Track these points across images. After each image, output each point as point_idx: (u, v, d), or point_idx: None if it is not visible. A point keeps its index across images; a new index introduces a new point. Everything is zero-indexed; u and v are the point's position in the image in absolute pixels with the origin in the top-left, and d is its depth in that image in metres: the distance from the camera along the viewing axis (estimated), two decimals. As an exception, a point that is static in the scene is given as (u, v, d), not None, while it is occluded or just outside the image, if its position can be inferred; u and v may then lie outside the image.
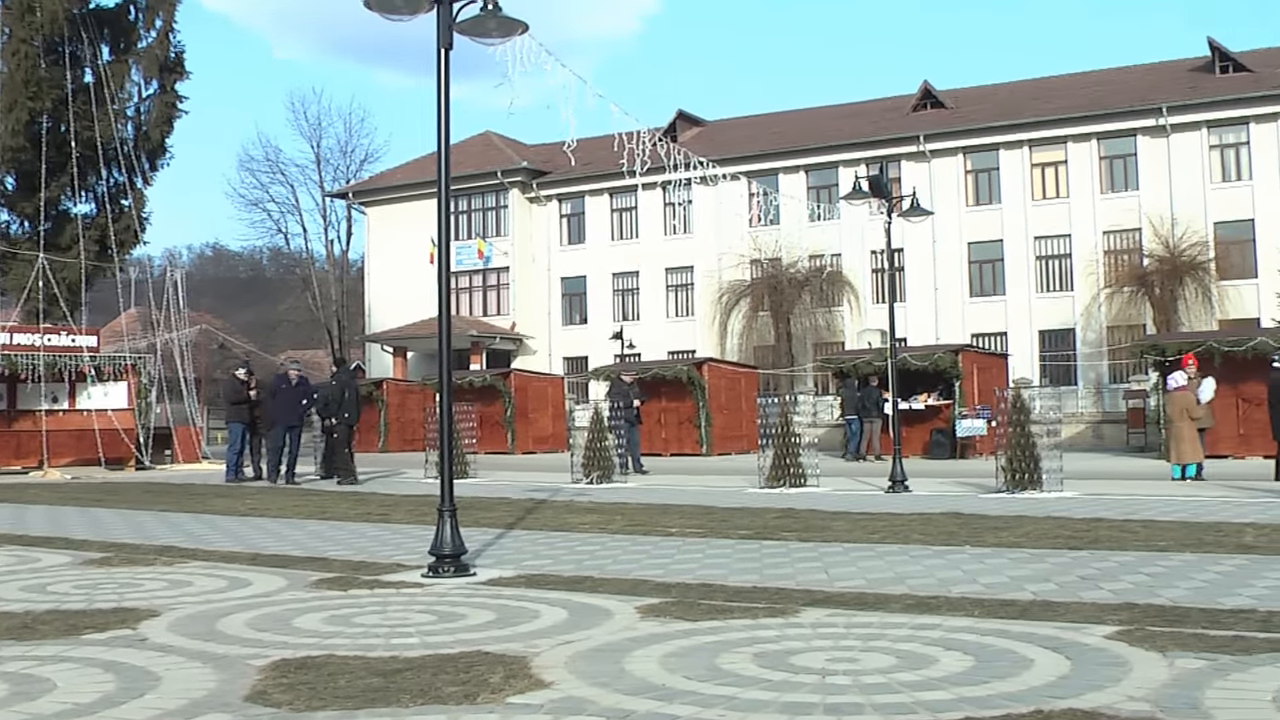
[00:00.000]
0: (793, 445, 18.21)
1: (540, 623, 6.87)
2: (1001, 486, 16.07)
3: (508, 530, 12.36)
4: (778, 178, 50.77)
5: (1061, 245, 48.36)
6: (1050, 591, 7.61)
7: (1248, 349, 26.12)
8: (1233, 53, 48.80)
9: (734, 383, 36.96)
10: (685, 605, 7.30)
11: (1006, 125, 48.94)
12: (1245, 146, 45.92)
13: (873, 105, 56.07)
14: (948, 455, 29.50)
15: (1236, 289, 44.35)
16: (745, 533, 11.66)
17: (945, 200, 47.93)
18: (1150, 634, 6.04)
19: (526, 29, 9.82)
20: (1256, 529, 10.91)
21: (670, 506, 15.05)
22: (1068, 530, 11.14)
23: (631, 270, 55.64)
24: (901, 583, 8.13)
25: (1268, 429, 19.55)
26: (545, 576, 8.80)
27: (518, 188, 56.83)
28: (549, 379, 43.81)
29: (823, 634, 6.32)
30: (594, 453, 20.23)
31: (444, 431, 9.43)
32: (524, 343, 56.38)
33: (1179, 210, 45.04)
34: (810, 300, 49.88)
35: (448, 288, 9.52)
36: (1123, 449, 31.99)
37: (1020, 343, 47.30)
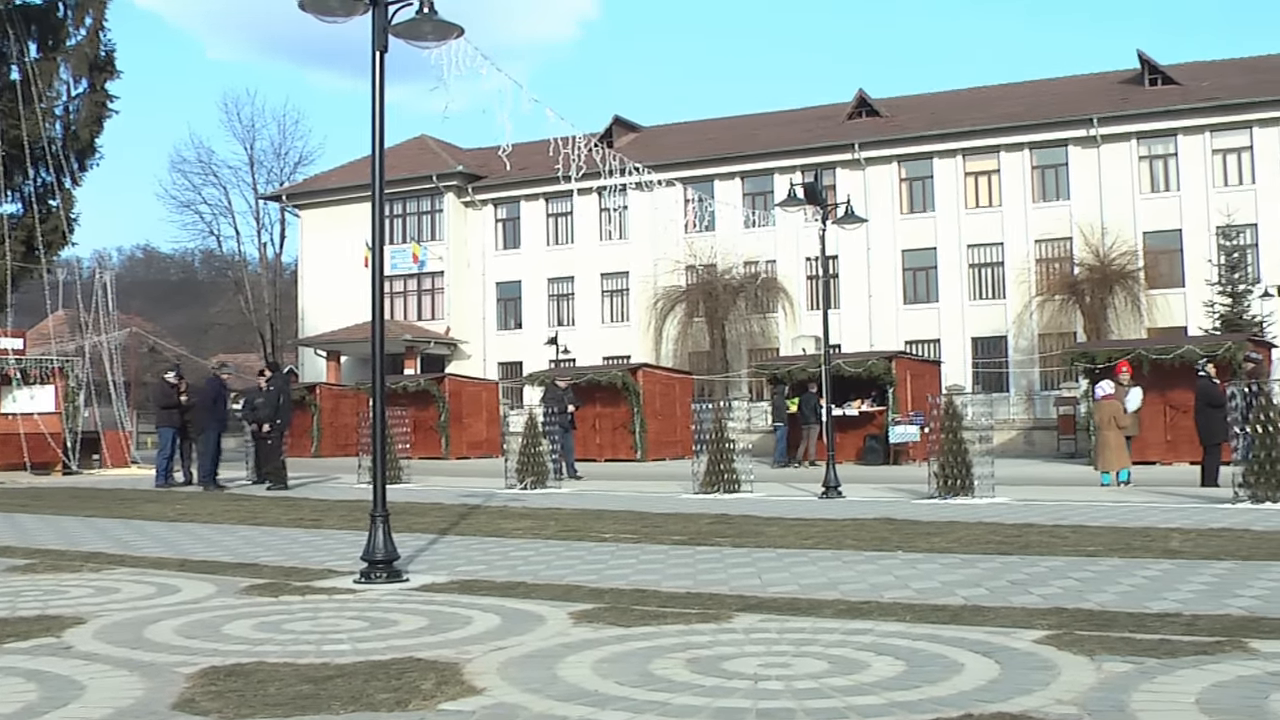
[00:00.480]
0: (727, 451, 18.25)
1: (473, 629, 6.83)
2: (934, 492, 16.17)
3: (441, 536, 12.29)
4: (713, 184, 50.86)
5: (994, 253, 48.84)
6: (981, 596, 7.67)
7: (1175, 357, 26.52)
8: (1162, 66, 49.56)
9: (668, 388, 37.02)
10: (619, 611, 7.29)
11: (940, 134, 49.37)
12: (1173, 158, 46.61)
13: (808, 113, 56.38)
14: (881, 461, 29.71)
15: (1165, 298, 44.98)
16: (679, 538, 11.66)
17: (880, 208, 48.28)
18: (1078, 638, 6.10)
19: (462, 33, 9.79)
20: (1183, 534, 11.04)
21: (604, 512, 15.03)
22: (999, 536, 11.23)
23: (567, 275, 55.60)
24: (834, 588, 8.16)
25: (1194, 435, 19.83)
26: (478, 582, 8.76)
27: (453, 192, 56.64)
28: (483, 384, 43.69)
29: (756, 639, 6.33)
30: (528, 458, 20.16)
31: (377, 436, 9.38)
32: (459, 347, 56.19)
33: (1109, 220, 45.63)
34: (745, 306, 50.06)
35: (381, 292, 9.47)
36: (1053, 455, 32.35)
37: (953, 350, 47.70)
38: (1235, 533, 11.08)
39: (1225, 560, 9.19)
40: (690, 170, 48.86)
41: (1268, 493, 13.95)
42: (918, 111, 52.86)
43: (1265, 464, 14.03)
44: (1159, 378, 25.83)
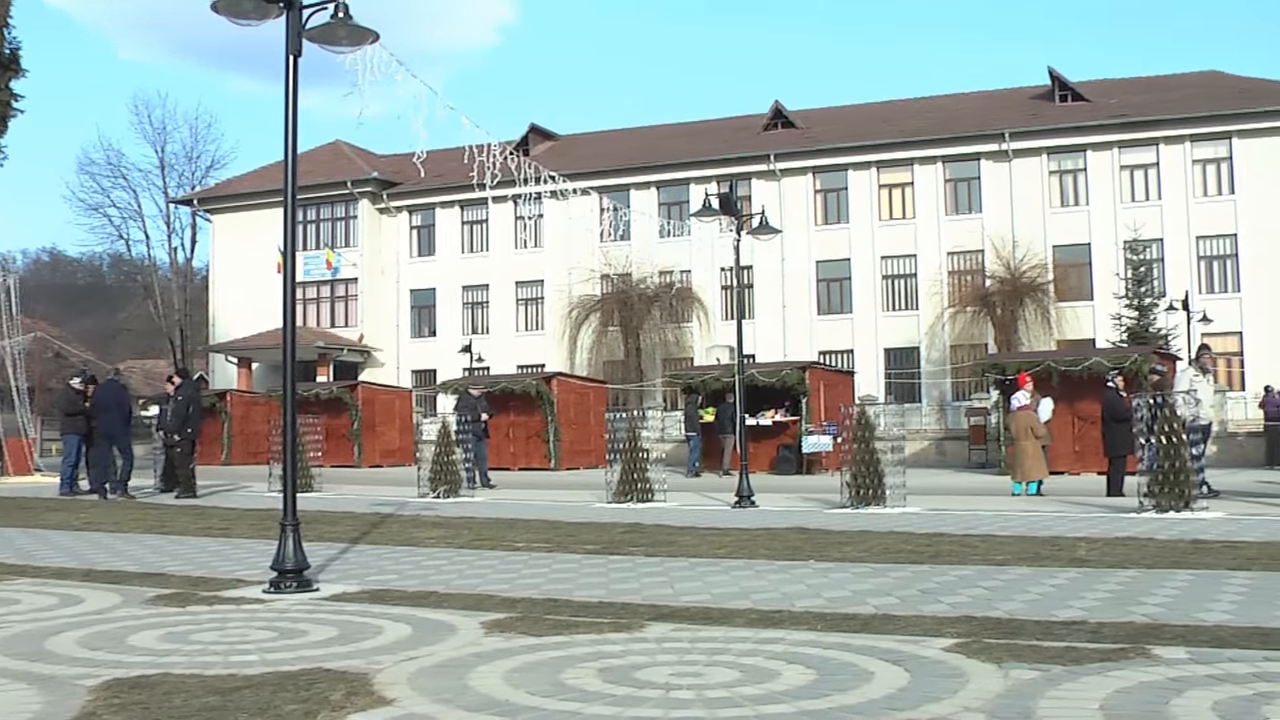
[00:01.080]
0: (640, 460, 18.25)
1: (383, 639, 6.77)
2: (846, 502, 16.27)
3: (352, 545, 12.19)
4: (629, 193, 51.03)
5: (907, 265, 49.39)
6: (892, 605, 7.72)
7: (1083, 369, 26.92)
8: (1072, 82, 50.46)
9: (583, 397, 36.98)
10: (530, 620, 7.26)
11: (855, 146, 49.89)
12: (1082, 173, 47.48)
13: (725, 124, 56.68)
14: (794, 471, 29.83)
15: (1074, 310, 45.74)
16: (592, 547, 11.64)
17: (794, 219, 48.67)
18: (987, 646, 6.16)
19: (377, 38, 9.72)
20: (1089, 543, 11.19)
21: (517, 521, 14.98)
22: (910, 545, 11.31)
23: (481, 283, 55.47)
24: (746, 597, 8.18)
25: (1101, 446, 20.12)
26: (390, 592, 8.69)
27: (367, 198, 56.30)
28: (396, 392, 43.38)
29: (668, 648, 6.32)
30: (441, 467, 20.03)
31: (287, 444, 9.28)
32: (372, 355, 55.83)
33: (1020, 233, 46.33)
34: (660, 316, 50.19)
35: (293, 298, 9.37)
36: (964, 465, 32.65)
37: (866, 360, 48.13)
38: (1140, 541, 11.25)
39: (1130, 568, 9.33)
40: (606, 179, 48.93)
41: (1171, 502, 14.18)
42: (833, 124, 53.34)
43: (1169, 474, 14.27)
44: (1068, 389, 26.19)
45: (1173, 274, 45.30)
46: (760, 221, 20.86)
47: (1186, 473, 14.33)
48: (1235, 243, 45.57)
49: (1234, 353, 44.45)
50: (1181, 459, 14.28)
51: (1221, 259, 46.02)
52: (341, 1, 9.27)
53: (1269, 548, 10.61)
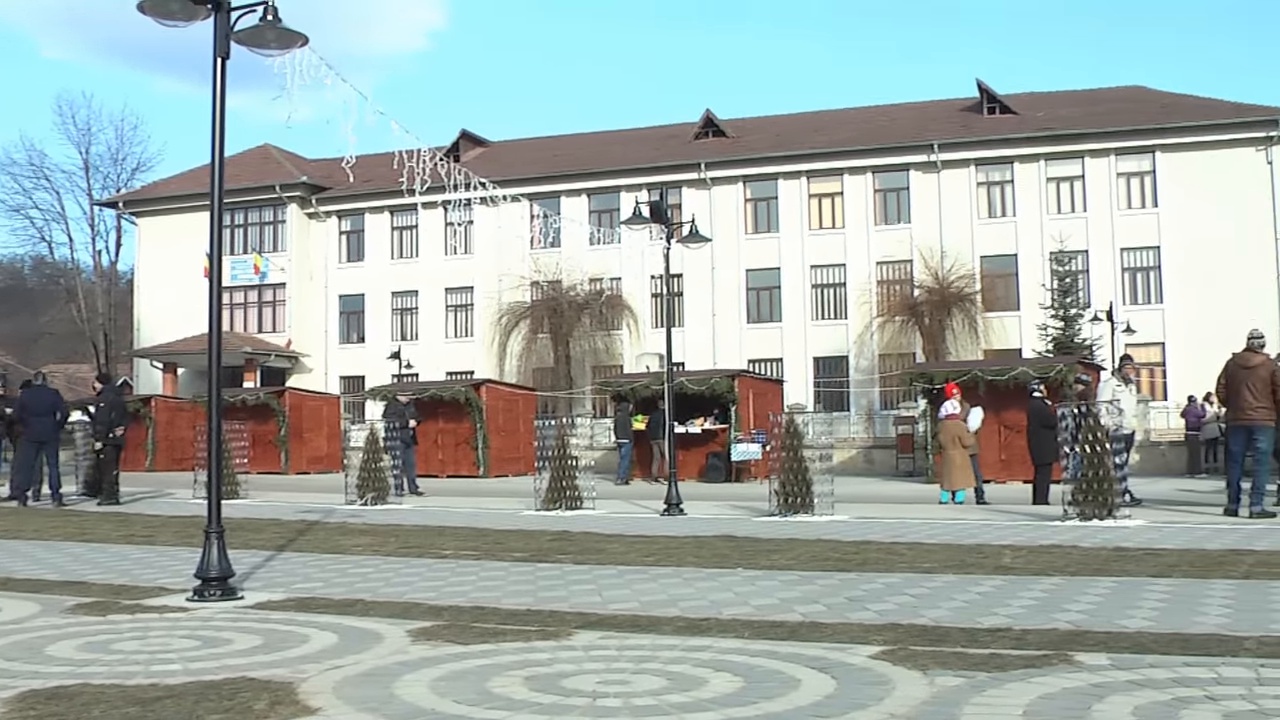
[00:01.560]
0: (569, 468, 18.23)
1: (309, 647, 6.71)
2: (775, 510, 16.32)
3: (278, 552, 12.08)
4: (560, 200, 50.99)
5: (836, 274, 49.71)
6: (819, 613, 7.75)
7: (1009, 378, 27.23)
8: (1000, 95, 51.08)
9: (512, 404, 36.89)
10: (458, 628, 7.23)
11: (785, 156, 50.17)
12: (1010, 185, 48.05)
13: (656, 131, 56.80)
14: (723, 479, 29.89)
15: (1000, 320, 46.23)
16: (520, 555, 11.61)
17: (725, 227, 48.85)
18: (912, 653, 6.20)
19: (306, 41, 9.65)
20: (1014, 551, 11.31)
21: (445, 528, 14.92)
22: (837, 553, 11.37)
23: (411, 289, 55.22)
24: (674, 605, 8.18)
25: (1027, 454, 20.33)
26: (316, 600, 8.62)
27: (296, 203, 55.88)
28: (324, 398, 43.03)
29: (595, 656, 6.32)
30: (369, 474, 19.92)
31: (213, 450, 9.18)
32: (300, 361, 55.40)
33: (948, 243, 46.79)
34: (590, 323, 50.19)
35: (219, 303, 9.27)
36: (892, 473, 32.88)
37: (795, 369, 48.36)
38: (1064, 549, 11.38)
39: (1054, 576, 9.43)
40: (537, 186, 48.92)
41: (1095, 510, 14.36)
42: (764, 133, 53.60)
43: (1093, 483, 14.45)
44: (994, 398, 26.45)
45: (1097, 285, 45.91)
46: (690, 230, 20.92)
47: (1110, 481, 14.52)
48: (1158, 255, 46.26)
49: (1156, 363, 45.12)
50: (1105, 468, 14.46)
51: (1145, 271, 46.71)
52: (270, 4, 9.20)
53: (1189, 555, 10.76)
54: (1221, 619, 7.23)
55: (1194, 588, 8.65)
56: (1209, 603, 7.88)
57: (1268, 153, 45.28)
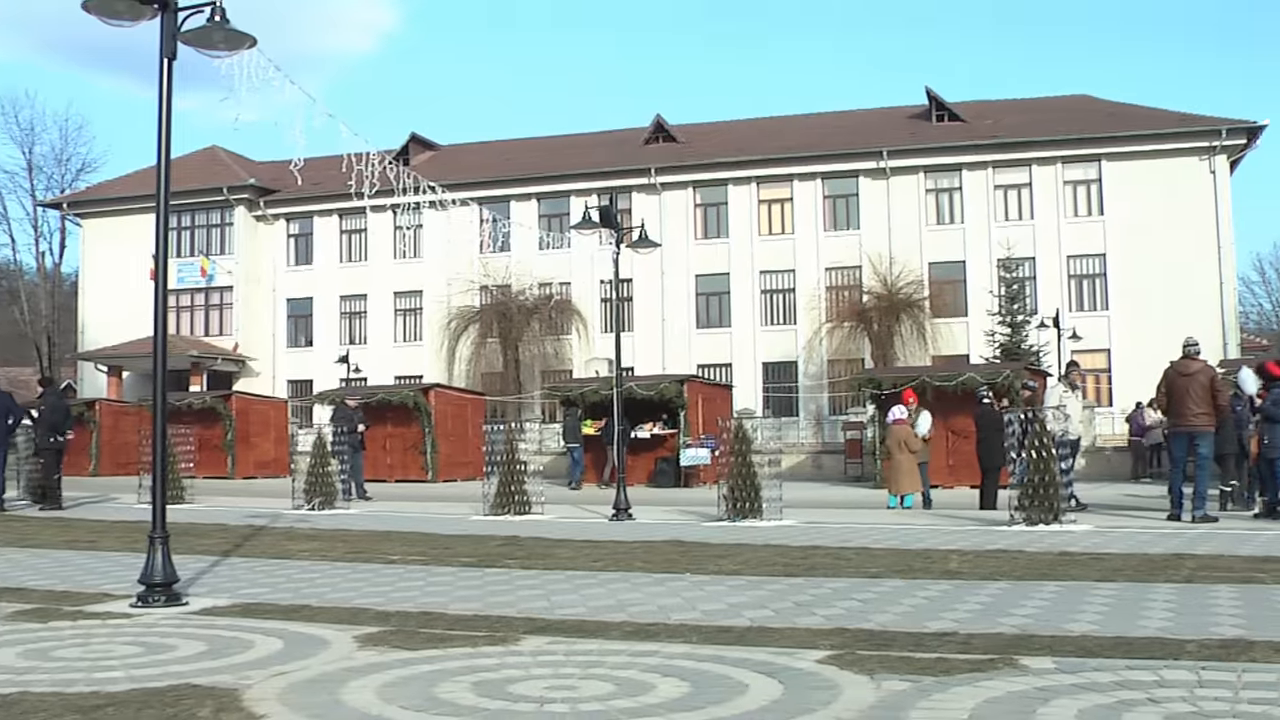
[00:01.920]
0: (518, 473, 18.19)
1: (254, 653, 6.66)
2: (723, 515, 16.35)
3: (224, 558, 11.98)
4: (509, 204, 50.91)
5: (786, 280, 49.88)
6: (766, 618, 7.77)
7: (957, 384, 27.39)
8: (948, 103, 51.47)
9: (460, 409, 36.79)
10: (405, 634, 7.20)
11: (736, 161, 50.31)
12: (958, 192, 48.41)
13: (606, 136, 56.81)
14: (672, 484, 29.91)
15: (948, 326, 46.52)
16: (468, 560, 11.58)
17: (675, 232, 48.92)
18: (859, 657, 6.23)
19: (254, 43, 9.58)
20: (961, 556, 11.37)
21: (393, 533, 14.85)
22: (785, 558, 11.40)
23: (359, 293, 54.98)
24: (622, 610, 8.18)
25: (975, 460, 20.46)
26: (261, 605, 8.55)
27: (244, 205, 55.50)
28: (272, 402, 42.78)
29: (542, 662, 6.30)
30: (316, 478, 19.80)
31: (158, 454, 9.10)
32: (247, 365, 55.01)
33: (897, 250, 47.07)
34: (539, 328, 50.13)
35: (165, 305, 9.20)
36: (841, 479, 32.98)
37: (744, 374, 48.48)
38: (1011, 554, 11.45)
39: (1000, 580, 9.49)
40: (487, 190, 48.83)
41: (1041, 515, 14.46)
42: (714, 138, 53.74)
43: (1039, 488, 14.56)
44: (942, 404, 26.61)
45: (1044, 292, 46.33)
46: (640, 235, 20.93)
47: (1056, 487, 14.63)
48: (1104, 262, 46.72)
49: (1102, 369, 45.54)
50: (1051, 473, 14.57)
51: (1091, 278, 47.16)
52: (218, 5, 9.13)
53: (1133, 559, 10.86)
54: (1164, 622, 7.31)
55: (1137, 592, 8.73)
56: (1152, 606, 7.95)
57: (1211, 162, 45.82)
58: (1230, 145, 45.90)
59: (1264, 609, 7.80)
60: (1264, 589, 8.81)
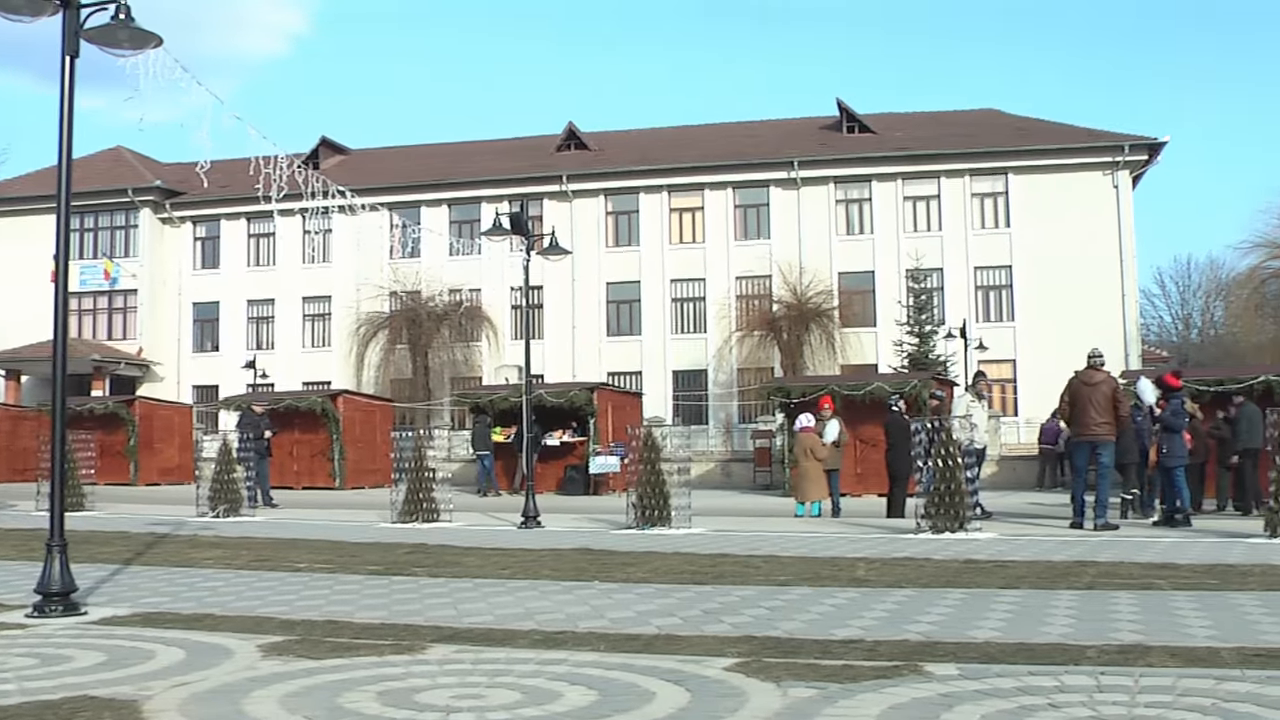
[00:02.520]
0: (426, 480, 18.10)
1: (155, 663, 6.55)
2: (632, 523, 16.35)
3: (125, 566, 11.79)
4: (420, 210, 50.65)
5: (696, 289, 50.06)
6: (675, 625, 7.77)
7: (865, 393, 27.66)
8: (859, 114, 51.98)
9: (369, 415, 36.52)
10: (310, 643, 7.12)
11: (647, 170, 50.40)
12: (868, 203, 48.88)
13: (518, 143, 56.72)
14: (581, 491, 29.91)
15: (857, 336, 46.92)
16: (375, 568, 11.49)
17: (586, 240, 48.95)
18: (767, 665, 6.25)
19: (160, 42, 9.44)
20: (868, 563, 11.46)
21: (299, 541, 14.71)
22: (694, 566, 11.42)
23: (267, 298, 54.38)
24: (530, 618, 8.15)
25: (883, 468, 20.63)
26: (163, 615, 8.42)
27: (149, 207, 54.67)
28: (176, 408, 42.15)
29: (449, 670, 6.26)
30: (221, 485, 19.56)
31: (56, 460, 8.93)
32: (151, 369, 54.18)
33: (807, 260, 47.40)
34: (449, 334, 49.90)
35: (65, 308, 9.04)
36: (750, 487, 33.13)
37: (654, 382, 48.57)
38: (917, 561, 11.56)
39: (906, 588, 9.57)
40: (397, 195, 48.49)
41: (947, 524, 14.61)
42: (626, 147, 53.80)
43: (945, 496, 14.71)
44: (850, 413, 26.77)
45: (952, 302, 46.88)
46: (550, 242, 20.94)
47: (961, 495, 14.78)
48: (1010, 274, 47.39)
49: (1008, 379, 46.13)
50: (957, 481, 14.73)
51: (997, 289, 47.81)
52: (123, 3, 8.98)
53: (1036, 567, 11.00)
54: (1066, 629, 7.40)
55: (1040, 599, 8.84)
56: (1054, 613, 8.06)
57: (1114, 177, 46.65)
58: (1132, 161, 46.79)
59: (1161, 615, 7.92)
60: (1162, 595, 8.97)
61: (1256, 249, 49.63)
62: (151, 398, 43.22)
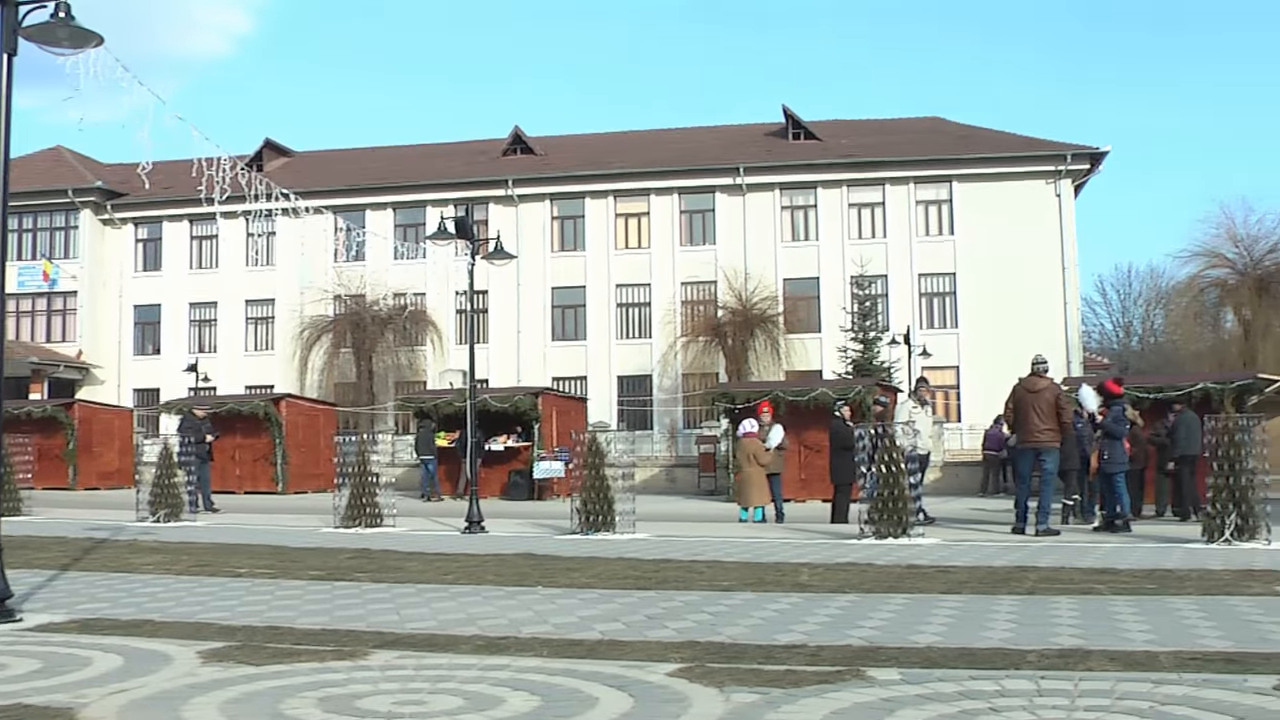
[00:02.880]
0: (370, 484, 18.00)
1: (92, 671, 6.47)
2: (576, 528, 16.34)
3: (62, 572, 11.65)
4: (365, 214, 50.45)
5: (642, 294, 50.10)
6: (618, 631, 7.77)
7: (809, 399, 27.73)
8: (805, 121, 52.22)
9: (312, 420, 36.27)
10: (251, 649, 7.06)
11: (593, 175, 50.41)
12: (813, 209, 49.11)
13: (464, 147, 56.58)
14: (525, 496, 29.84)
15: (802, 342, 47.11)
16: (317, 573, 11.41)
17: (531, 245, 48.89)
18: (710, 670, 6.25)
19: (101, 41, 9.33)
20: (811, 569, 11.49)
21: (240, 546, 14.60)
22: (637, 571, 11.42)
23: (210, 301, 53.93)
24: (473, 623, 8.12)
25: (827, 474, 20.69)
26: (101, 621, 8.32)
27: (90, 208, 54.10)
28: (117, 411, 41.72)
29: (391, 676, 6.23)
30: (162, 489, 19.39)
31: (-8, 464, 8.82)
32: (91, 372, 53.59)
33: (752, 266, 47.54)
34: (393, 339, 49.69)
35: (3, 310, 8.91)
36: (694, 492, 33.14)
37: (599, 387, 48.52)
38: (860, 567, 11.60)
39: (850, 593, 9.61)
40: (342, 199, 48.31)
41: (890, 529, 14.69)
42: (572, 152, 53.79)
43: (888, 502, 14.79)
44: (795, 418, 26.86)
45: (896, 309, 47.19)
46: (496, 246, 20.89)
47: (905, 501, 14.86)
48: (954, 281, 47.76)
49: (951, 386, 46.47)
50: (900, 487, 14.81)
51: (941, 296, 48.17)
52: (62, 1, 8.88)
53: (978, 572, 11.08)
54: (1007, 633, 7.46)
55: (982, 603, 8.90)
56: (995, 618, 8.11)
57: (1056, 185, 47.15)
58: (1075, 170, 47.32)
59: (1101, 619, 8.00)
60: (1101, 600, 9.05)
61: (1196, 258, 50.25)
62: (91, 401, 42.76)
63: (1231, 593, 9.45)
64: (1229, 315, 50.36)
